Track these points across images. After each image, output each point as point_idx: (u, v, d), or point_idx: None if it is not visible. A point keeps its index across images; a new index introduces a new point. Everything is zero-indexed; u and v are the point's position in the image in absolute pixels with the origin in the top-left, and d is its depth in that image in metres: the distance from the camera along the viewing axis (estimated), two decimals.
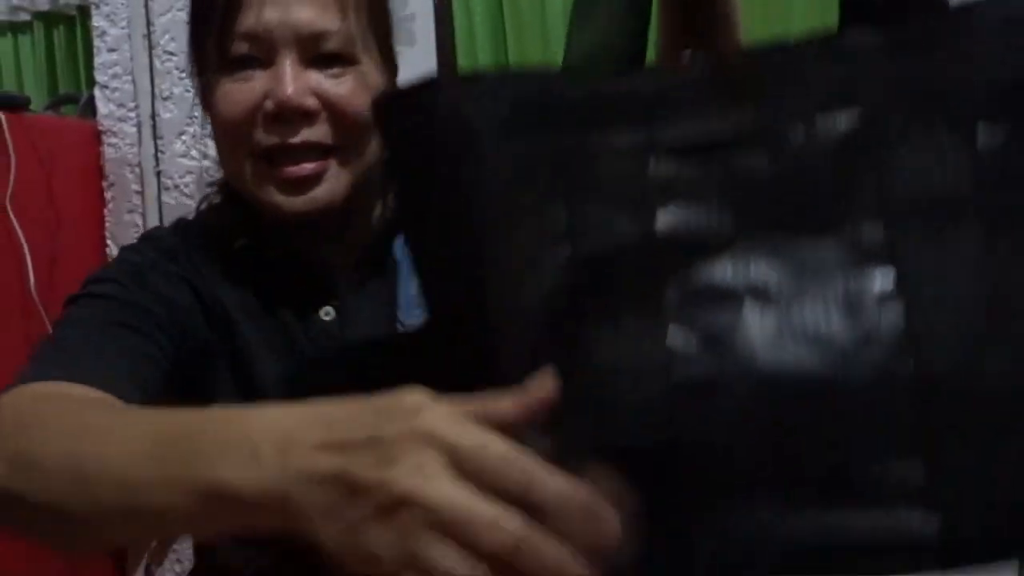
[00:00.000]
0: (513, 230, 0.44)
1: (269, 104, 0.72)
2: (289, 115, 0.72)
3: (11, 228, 1.86)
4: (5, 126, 1.87)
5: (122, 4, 2.08)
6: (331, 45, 0.74)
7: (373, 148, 0.76)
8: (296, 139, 0.73)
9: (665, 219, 0.44)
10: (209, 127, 0.79)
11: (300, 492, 0.40)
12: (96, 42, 2.13)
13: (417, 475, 0.38)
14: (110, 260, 0.91)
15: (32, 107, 2.07)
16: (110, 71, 2.11)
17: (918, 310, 0.41)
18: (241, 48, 0.73)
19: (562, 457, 0.40)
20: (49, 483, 0.50)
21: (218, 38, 0.74)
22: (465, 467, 0.38)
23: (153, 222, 2.06)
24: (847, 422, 0.41)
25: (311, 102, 0.73)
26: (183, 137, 2.01)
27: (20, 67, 2.77)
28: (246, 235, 0.79)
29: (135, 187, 2.09)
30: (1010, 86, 0.41)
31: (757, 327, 0.42)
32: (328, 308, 0.79)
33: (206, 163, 1.98)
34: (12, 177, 1.86)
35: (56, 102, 2.41)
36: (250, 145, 0.73)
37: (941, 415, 0.40)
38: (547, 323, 0.44)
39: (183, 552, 1.73)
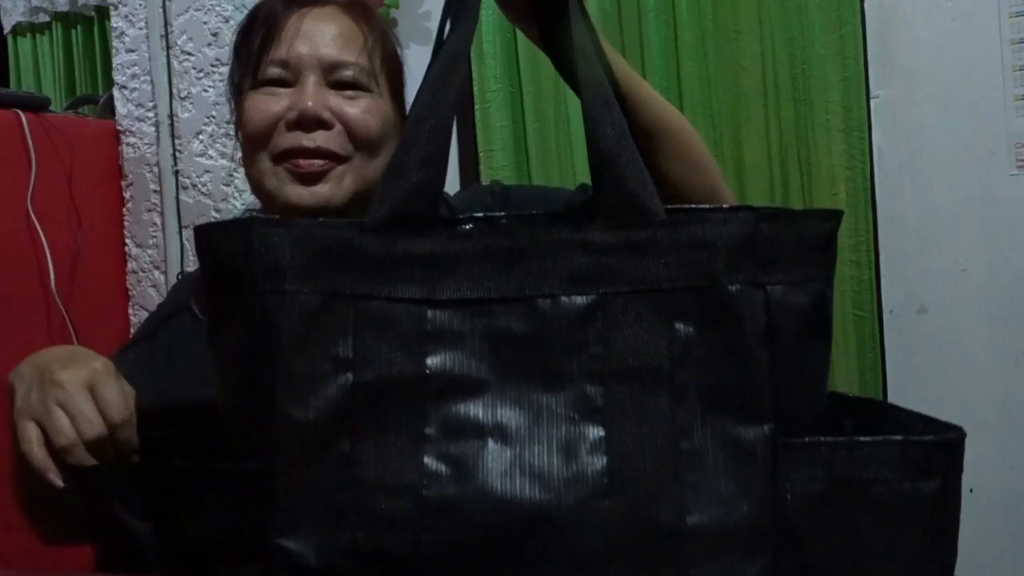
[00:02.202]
0: (305, 354, 0.53)
1: (292, 113, 0.86)
2: (308, 122, 0.85)
3: (32, 227, 1.87)
4: (26, 126, 1.88)
5: (140, 5, 2.09)
6: (348, 74, 0.88)
7: (378, 165, 0.88)
8: (312, 143, 0.85)
9: (434, 360, 0.53)
10: (226, 128, 0.87)
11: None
12: (114, 43, 2.14)
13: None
14: (130, 263, 1.12)
15: (52, 108, 2.09)
16: (128, 71, 2.12)
17: (617, 457, 0.52)
18: (273, 72, 0.89)
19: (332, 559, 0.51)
20: None
21: (255, 64, 0.89)
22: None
23: (171, 221, 2.07)
24: (554, 546, 0.51)
25: (327, 115, 0.86)
26: (201, 136, 2.01)
27: (39, 68, 2.76)
28: None
29: (153, 186, 2.10)
30: (697, 290, 0.54)
31: (496, 460, 0.52)
32: None
33: (223, 162, 2.00)
34: (32, 177, 1.88)
35: (75, 103, 2.42)
36: (271, 147, 0.87)
37: (627, 546, 0.51)
38: (324, 437, 0.52)
39: None
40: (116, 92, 2.13)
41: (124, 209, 2.14)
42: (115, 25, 2.13)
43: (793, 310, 0.55)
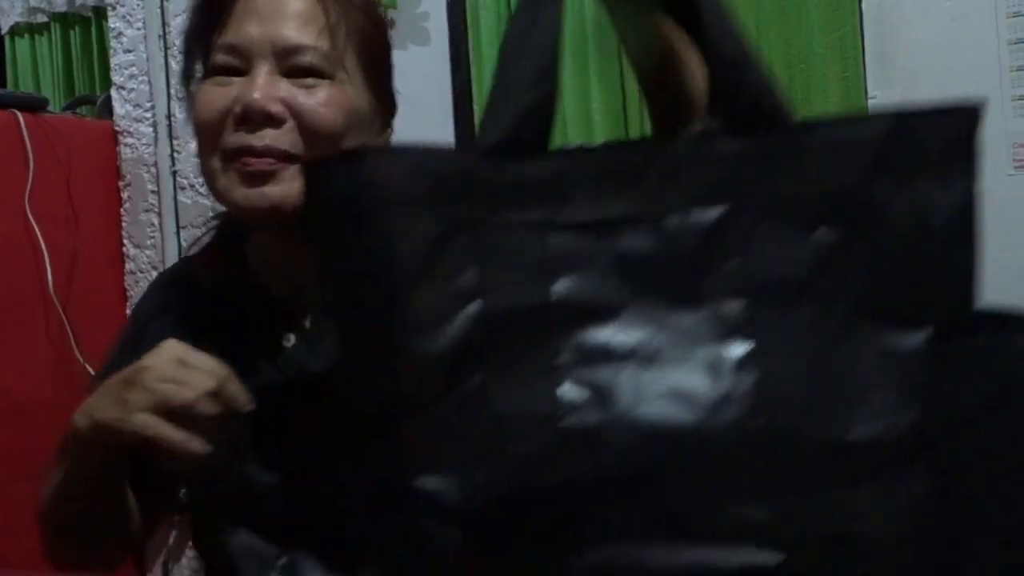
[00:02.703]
0: (429, 285, 0.50)
1: (237, 108, 0.77)
2: (254, 118, 0.77)
3: (30, 227, 1.87)
4: (23, 127, 1.88)
5: (138, 5, 2.09)
6: (306, 59, 0.79)
7: None
8: (260, 142, 0.77)
9: (561, 286, 0.51)
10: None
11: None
12: (112, 43, 2.14)
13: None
14: (128, 263, 1.20)
15: (50, 108, 2.09)
16: (126, 72, 2.12)
17: (768, 376, 0.49)
18: (222, 59, 0.80)
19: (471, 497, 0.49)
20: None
21: (204, 50, 0.81)
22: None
23: (169, 221, 2.07)
24: (706, 470, 0.48)
25: (276, 108, 0.77)
26: None
27: (37, 68, 2.78)
28: (225, 279, 0.87)
29: (151, 187, 2.10)
30: (837, 195, 0.51)
31: (637, 383, 0.50)
32: (289, 335, 0.85)
33: None
34: (31, 177, 1.88)
35: (73, 103, 2.42)
36: (220, 145, 0.79)
37: (785, 466, 0.48)
38: (452, 372, 0.50)
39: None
40: (114, 92, 2.13)
41: (122, 210, 2.14)
42: (113, 26, 2.14)
43: (941, 210, 0.51)
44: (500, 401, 0.50)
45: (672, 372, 0.50)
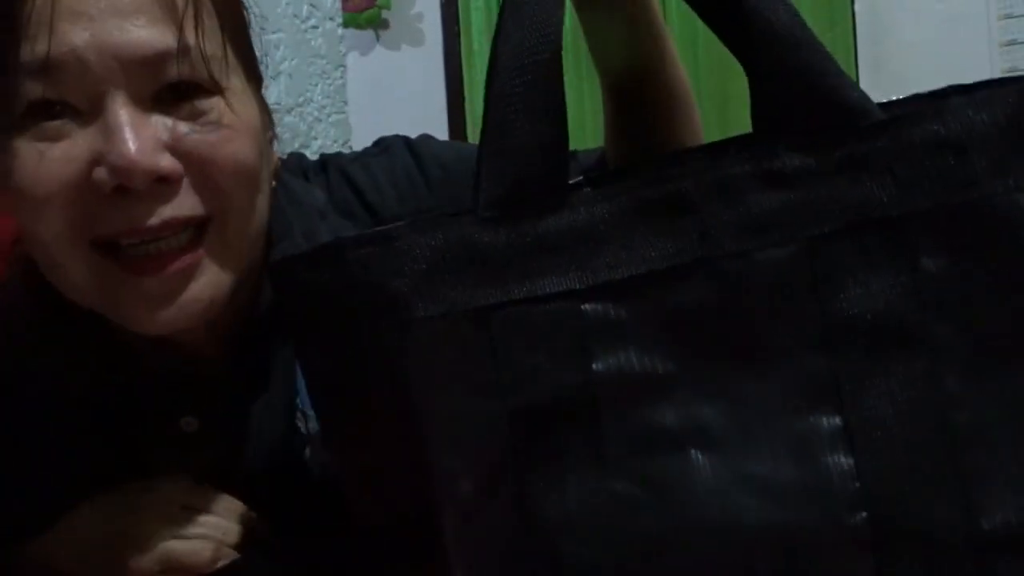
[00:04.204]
0: (447, 391, 0.42)
1: (102, 174, 0.48)
2: (139, 188, 0.49)
3: None
4: None
5: None
6: (178, 71, 0.50)
7: (261, 208, 0.56)
8: (153, 220, 0.50)
9: (602, 363, 0.42)
10: None
11: None
12: None
13: None
14: None
15: None
16: None
17: (867, 451, 0.40)
18: (35, 89, 0.48)
19: None
20: None
21: None
22: None
23: None
24: (800, 574, 0.40)
25: (167, 163, 0.49)
26: None
27: None
28: (69, 360, 0.59)
29: None
30: (945, 213, 0.40)
31: (704, 474, 0.41)
32: (189, 418, 0.60)
33: None
34: None
35: None
36: (82, 233, 0.50)
37: (902, 567, 0.39)
38: (490, 481, 0.43)
39: None
40: None
41: None
42: None
43: None
44: (545, 507, 0.42)
45: (747, 456, 0.41)
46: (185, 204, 0.51)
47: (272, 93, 1.40)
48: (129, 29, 0.48)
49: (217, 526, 0.55)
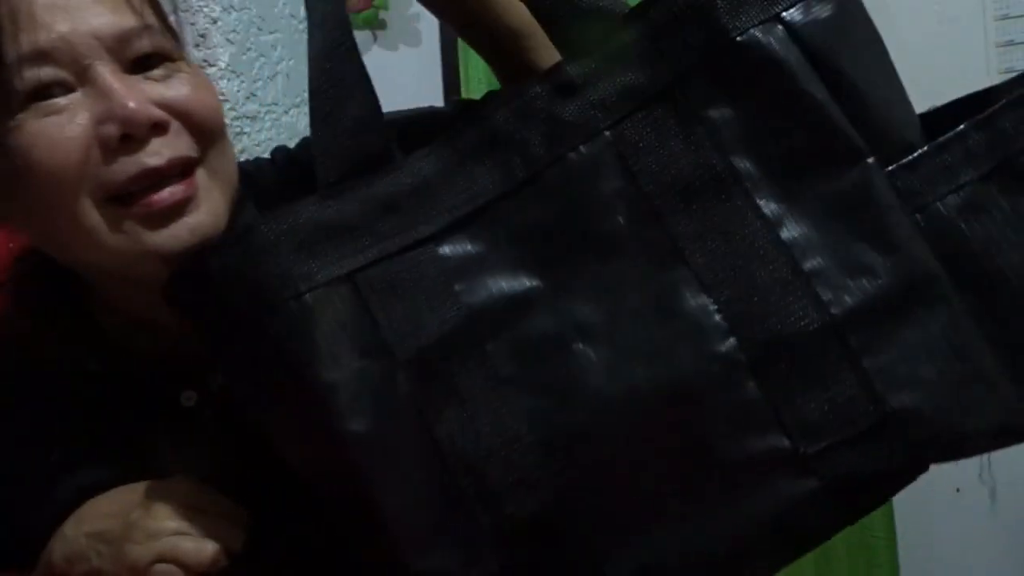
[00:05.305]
0: (337, 360, 0.45)
1: (110, 129, 0.57)
2: (139, 132, 0.57)
3: None
4: None
5: None
6: (142, 45, 0.60)
7: (230, 153, 0.64)
8: (159, 160, 0.58)
9: (472, 294, 0.46)
10: None
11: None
12: None
13: None
14: None
15: None
16: None
17: (718, 286, 0.44)
18: (34, 74, 0.57)
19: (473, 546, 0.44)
20: None
21: None
22: None
23: None
24: (702, 415, 0.43)
25: (158, 113, 0.58)
26: None
27: None
28: (72, 350, 0.67)
29: None
30: (710, 67, 0.46)
31: (594, 360, 0.44)
32: (189, 392, 0.66)
33: None
34: None
35: None
36: (97, 188, 0.58)
37: (773, 372, 0.43)
38: (403, 435, 0.45)
39: None
40: None
41: None
42: None
43: (820, 27, 0.45)
44: (462, 444, 0.45)
45: (623, 331, 0.44)
46: (179, 145, 0.59)
47: (270, 93, 1.41)
48: (100, 13, 0.59)
49: (221, 529, 0.56)
